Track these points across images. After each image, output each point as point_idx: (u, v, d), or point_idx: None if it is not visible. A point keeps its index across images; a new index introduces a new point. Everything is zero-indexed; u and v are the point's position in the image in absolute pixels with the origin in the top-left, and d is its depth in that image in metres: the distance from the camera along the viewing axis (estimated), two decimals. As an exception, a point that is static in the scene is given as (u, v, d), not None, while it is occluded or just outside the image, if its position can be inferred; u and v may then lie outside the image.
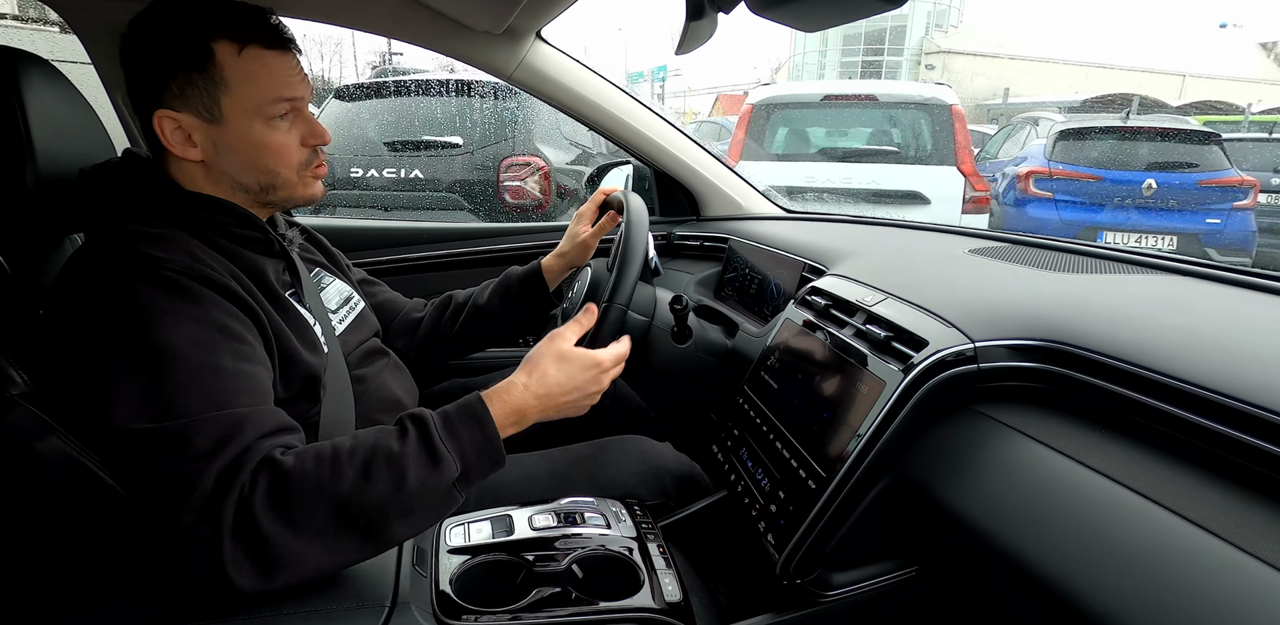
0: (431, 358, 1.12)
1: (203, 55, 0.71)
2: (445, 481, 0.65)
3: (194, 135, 0.73)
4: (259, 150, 0.75)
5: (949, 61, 22.99)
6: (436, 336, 1.11)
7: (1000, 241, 1.10)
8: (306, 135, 0.78)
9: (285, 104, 0.75)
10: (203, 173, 0.76)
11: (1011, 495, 0.59)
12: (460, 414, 0.68)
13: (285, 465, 0.61)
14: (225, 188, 0.77)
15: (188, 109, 0.72)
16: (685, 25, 0.84)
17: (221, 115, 0.73)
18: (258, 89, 0.73)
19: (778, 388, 0.89)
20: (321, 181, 0.83)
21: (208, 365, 0.62)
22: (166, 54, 0.71)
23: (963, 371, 0.67)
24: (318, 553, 0.60)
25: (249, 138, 0.74)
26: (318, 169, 0.81)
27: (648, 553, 0.74)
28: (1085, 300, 0.75)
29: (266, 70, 0.73)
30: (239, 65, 0.72)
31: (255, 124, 0.74)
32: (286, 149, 0.77)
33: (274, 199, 0.79)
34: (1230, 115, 8.45)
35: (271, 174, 0.77)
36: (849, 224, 1.45)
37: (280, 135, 0.76)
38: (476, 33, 1.29)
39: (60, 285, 0.68)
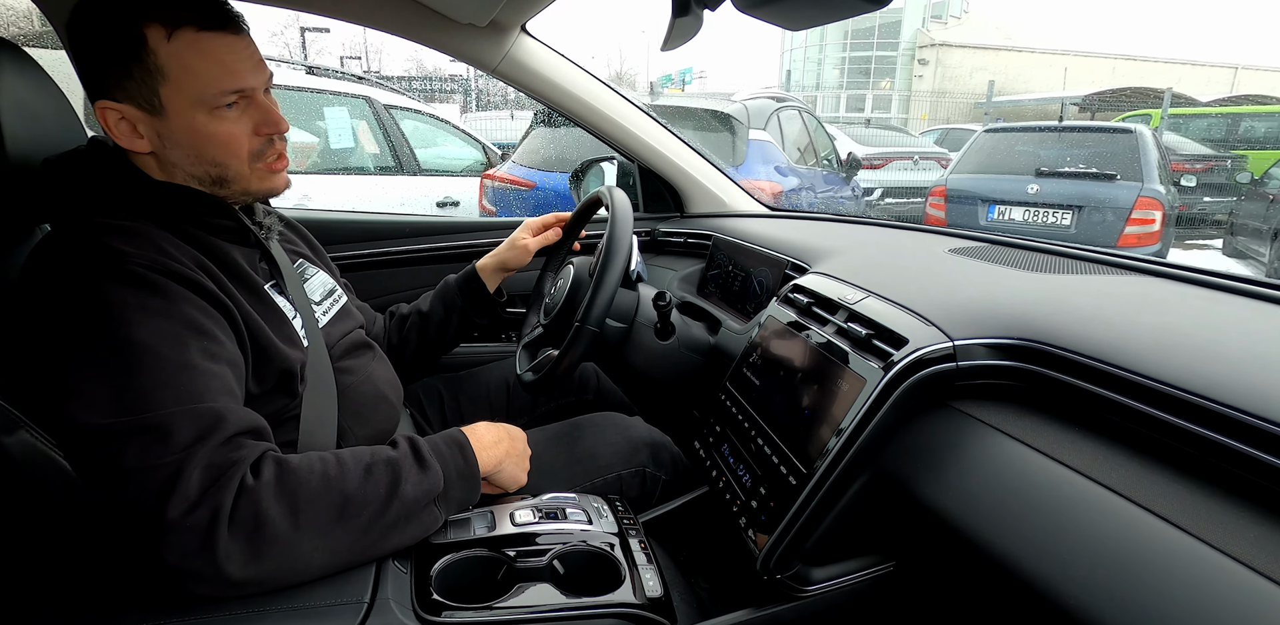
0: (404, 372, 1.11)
1: (135, 42, 0.66)
2: (432, 492, 0.68)
3: (139, 127, 0.70)
4: (205, 142, 0.71)
5: (943, 56, 21.82)
6: (402, 354, 1.13)
7: (980, 241, 1.12)
8: (260, 124, 0.72)
9: (233, 95, 0.70)
10: (156, 164, 0.73)
11: (988, 491, 0.60)
12: (444, 438, 0.74)
13: (292, 461, 0.63)
14: (180, 180, 0.74)
15: (128, 100, 0.68)
16: (671, 22, 0.84)
17: (162, 106, 0.68)
18: (196, 79, 0.68)
19: (760, 384, 0.90)
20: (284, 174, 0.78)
21: (178, 362, 0.61)
22: (101, 42, 0.67)
23: (942, 369, 0.68)
24: (309, 548, 0.60)
25: (193, 129, 0.70)
26: (275, 161, 0.75)
27: (629, 548, 0.74)
28: (1061, 300, 0.76)
29: (204, 57, 0.68)
30: (173, 52, 0.67)
31: (198, 115, 0.69)
32: (235, 139, 0.71)
33: (228, 193, 0.75)
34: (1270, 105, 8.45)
35: (220, 166, 0.72)
36: (831, 222, 1.46)
37: (227, 125, 0.71)
38: (461, 25, 1.28)
39: (25, 278, 0.67)
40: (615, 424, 1.01)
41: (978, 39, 22.15)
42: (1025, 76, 15.05)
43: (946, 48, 21.92)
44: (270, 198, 0.80)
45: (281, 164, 0.77)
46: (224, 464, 0.59)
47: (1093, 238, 4.25)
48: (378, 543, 0.65)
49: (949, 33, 22.51)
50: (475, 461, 0.73)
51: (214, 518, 0.56)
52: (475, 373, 1.24)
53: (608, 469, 0.93)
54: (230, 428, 0.61)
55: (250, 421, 0.64)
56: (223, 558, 0.56)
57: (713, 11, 0.86)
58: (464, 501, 0.73)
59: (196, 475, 0.57)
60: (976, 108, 16.30)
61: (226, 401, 0.63)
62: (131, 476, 0.57)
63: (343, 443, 0.81)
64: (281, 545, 0.59)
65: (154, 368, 0.60)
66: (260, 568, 0.58)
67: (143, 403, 0.59)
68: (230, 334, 0.69)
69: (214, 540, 0.56)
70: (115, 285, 0.62)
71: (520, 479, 0.82)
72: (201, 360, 0.63)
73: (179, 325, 0.63)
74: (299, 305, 0.81)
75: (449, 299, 1.15)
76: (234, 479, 0.58)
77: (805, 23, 0.84)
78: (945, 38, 22.13)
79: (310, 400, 0.78)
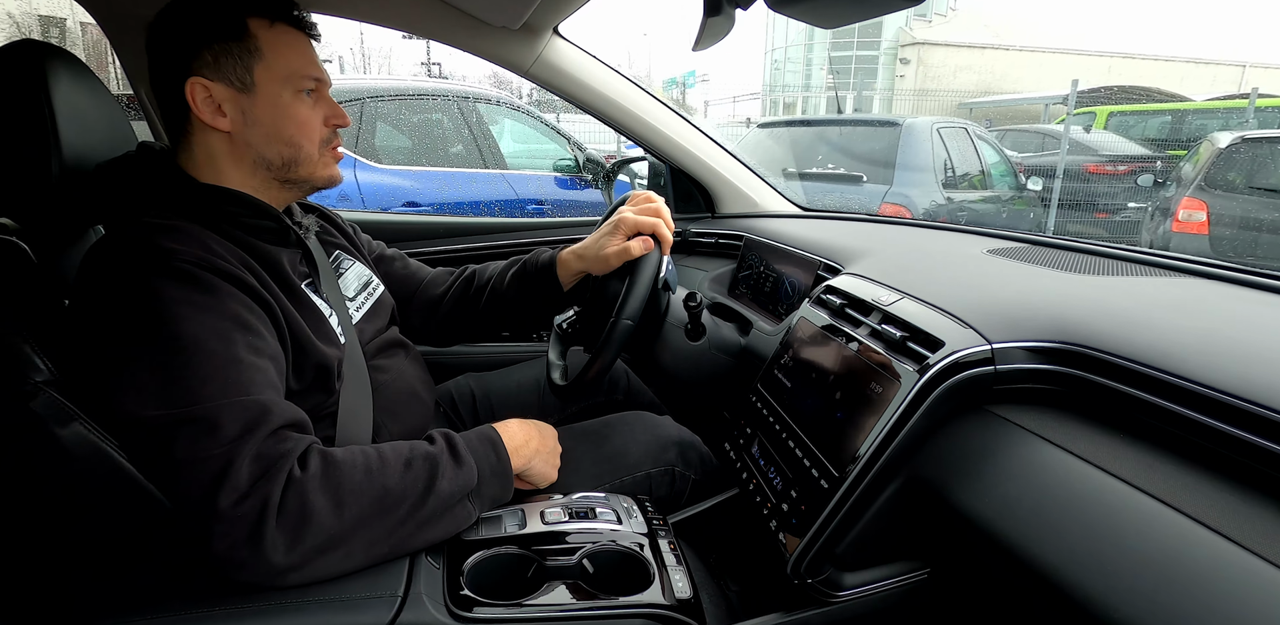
0: (451, 336, 1.10)
1: (239, 27, 0.74)
2: (466, 488, 0.69)
3: (224, 105, 0.75)
4: (286, 121, 0.77)
5: (926, 54, 20.98)
6: (459, 315, 1.07)
7: (1019, 242, 1.09)
8: (329, 115, 0.81)
9: (312, 81, 0.78)
10: (227, 147, 0.77)
11: (1026, 498, 0.58)
12: (477, 435, 0.75)
13: (336, 454, 0.65)
14: (247, 165, 0.78)
15: (220, 78, 0.74)
16: (703, 21, 0.83)
17: (253, 84, 0.75)
18: (288, 61, 0.76)
19: (791, 386, 0.89)
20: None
21: (225, 356, 0.64)
22: (203, 25, 0.74)
23: (979, 373, 0.67)
24: (351, 539, 0.62)
25: (277, 106, 0.77)
26: (335, 150, 0.83)
27: (658, 549, 0.74)
28: (1104, 302, 0.74)
29: (295, 47, 0.78)
30: (272, 37, 0.76)
31: (284, 93, 0.77)
32: (310, 123, 0.79)
33: (295, 176, 0.80)
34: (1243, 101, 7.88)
35: (295, 146, 0.78)
36: (865, 223, 1.44)
37: (306, 109, 0.78)
38: (494, 28, 1.30)
39: (80, 276, 0.70)
40: (645, 423, 1.01)
41: (965, 37, 21.39)
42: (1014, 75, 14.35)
43: (928, 46, 21.22)
44: (329, 186, 0.85)
45: (340, 154, 0.84)
46: (272, 456, 0.61)
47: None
48: (414, 536, 0.66)
49: (935, 31, 21.75)
50: (508, 459, 0.75)
51: (263, 508, 0.58)
52: (507, 372, 1.25)
53: (636, 467, 0.93)
54: (275, 420, 0.63)
55: (293, 415, 0.66)
56: (269, 547, 0.58)
57: (744, 10, 0.85)
58: (496, 498, 0.74)
59: (246, 466, 0.59)
60: (960, 108, 15.74)
61: (271, 395, 0.65)
62: (182, 467, 0.59)
63: (377, 439, 0.83)
64: (325, 536, 0.61)
65: (202, 361, 0.62)
66: (303, 558, 0.60)
67: (191, 395, 0.61)
68: (272, 330, 0.71)
69: (262, 530, 0.58)
70: (164, 281, 0.65)
71: (550, 476, 0.83)
72: (247, 355, 0.65)
73: (226, 320, 0.66)
74: (334, 303, 0.83)
75: (524, 277, 1.05)
76: (282, 471, 0.60)
77: (838, 20, 0.83)
78: (927, 36, 21.42)
79: (347, 397, 0.79)
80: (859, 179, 3.94)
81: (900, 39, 21.74)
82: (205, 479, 0.58)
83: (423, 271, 1.12)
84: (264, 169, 0.78)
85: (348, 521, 0.62)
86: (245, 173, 0.78)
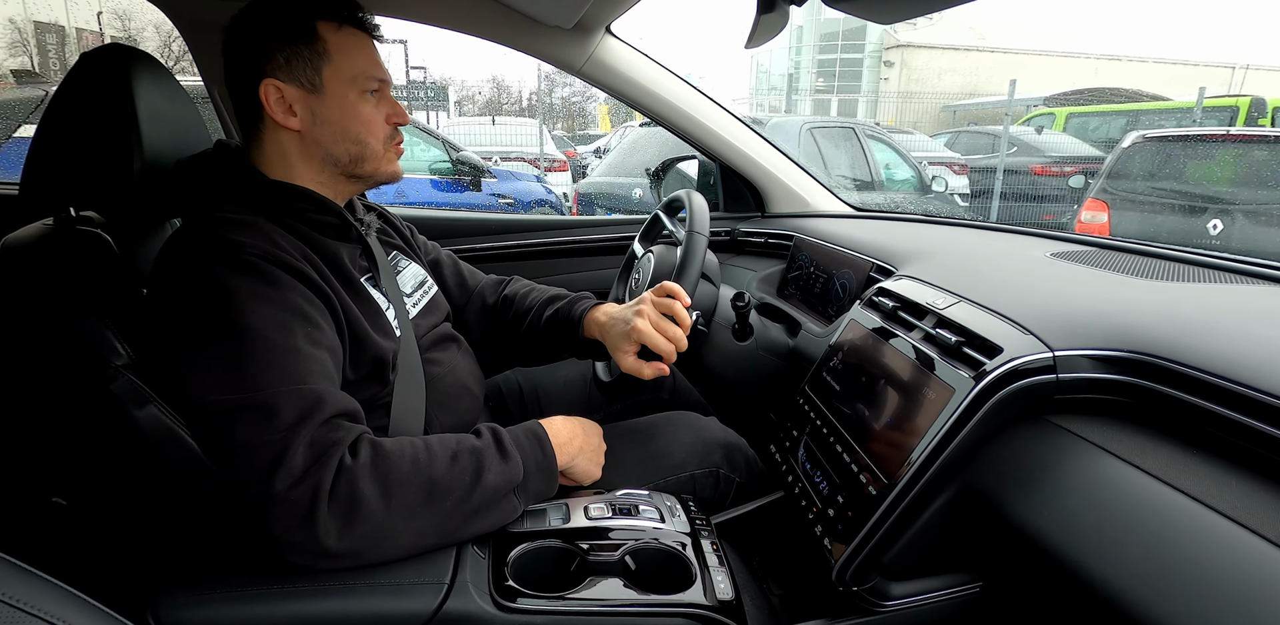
0: (493, 349, 1.10)
1: (308, 30, 0.77)
2: (512, 482, 0.71)
3: (295, 105, 0.78)
4: (352, 119, 0.80)
5: (910, 57, 20.87)
6: (499, 334, 1.08)
7: (1084, 245, 1.05)
8: (391, 114, 0.84)
9: (376, 82, 0.81)
10: (297, 145, 0.80)
11: (1088, 513, 0.56)
12: (524, 430, 0.77)
13: (386, 444, 0.67)
14: (315, 162, 0.81)
15: (291, 80, 0.78)
16: (756, 18, 0.82)
17: (322, 85, 0.78)
18: (354, 63, 0.79)
19: (840, 390, 0.87)
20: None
21: (285, 346, 0.66)
22: (275, 29, 0.77)
23: (1040, 381, 0.64)
24: (398, 528, 0.64)
25: (344, 106, 0.80)
26: (398, 145, 0.86)
27: (701, 549, 0.74)
28: (1176, 310, 0.70)
29: (361, 48, 0.81)
30: (340, 40, 0.79)
31: (350, 93, 0.79)
32: (374, 122, 0.82)
33: (361, 172, 0.83)
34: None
35: (361, 144, 0.81)
36: (920, 223, 1.40)
37: (370, 108, 0.81)
38: (548, 27, 1.31)
39: (156, 267, 0.74)
40: (690, 423, 1.01)
41: (950, 40, 21.03)
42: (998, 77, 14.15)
43: (912, 49, 21.01)
44: (391, 181, 0.87)
45: (400, 150, 0.87)
46: (325, 443, 0.63)
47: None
48: (460, 527, 0.68)
49: (919, 33, 21.37)
50: (553, 455, 0.76)
51: (315, 494, 0.61)
52: (554, 367, 1.27)
53: (681, 468, 0.93)
54: (329, 409, 0.65)
55: (347, 404, 0.68)
56: (321, 532, 0.60)
57: (799, 6, 0.84)
58: (541, 494, 0.75)
59: (301, 453, 0.61)
60: (944, 110, 15.45)
61: (325, 384, 0.67)
62: (241, 451, 0.62)
63: (428, 430, 0.85)
64: (374, 523, 0.63)
65: (263, 350, 0.65)
66: (353, 543, 0.62)
67: (251, 382, 0.64)
68: (330, 322, 0.73)
69: (314, 515, 0.60)
70: (231, 273, 0.68)
71: (594, 473, 0.83)
72: (305, 345, 0.68)
73: (287, 312, 0.68)
74: (392, 298, 0.85)
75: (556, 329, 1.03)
76: (334, 458, 0.62)
77: (897, 15, 0.81)
78: (911, 39, 21.13)
79: (400, 389, 0.82)
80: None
81: (884, 42, 21.63)
82: (262, 463, 0.61)
83: (475, 277, 1.13)
84: (331, 165, 0.82)
85: (395, 511, 0.64)
86: (314, 169, 0.81)
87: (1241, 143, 4.52)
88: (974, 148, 8.07)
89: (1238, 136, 4.62)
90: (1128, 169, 4.57)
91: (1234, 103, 6.72)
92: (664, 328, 0.88)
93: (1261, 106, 6.50)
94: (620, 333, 0.91)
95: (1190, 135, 4.80)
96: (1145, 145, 4.64)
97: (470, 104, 16.29)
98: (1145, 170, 4.54)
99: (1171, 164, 4.51)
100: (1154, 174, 4.50)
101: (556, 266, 1.63)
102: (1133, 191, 4.47)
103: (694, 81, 1.51)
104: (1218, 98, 6.99)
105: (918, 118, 15.38)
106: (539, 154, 7.68)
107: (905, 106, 15.92)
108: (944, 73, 20.23)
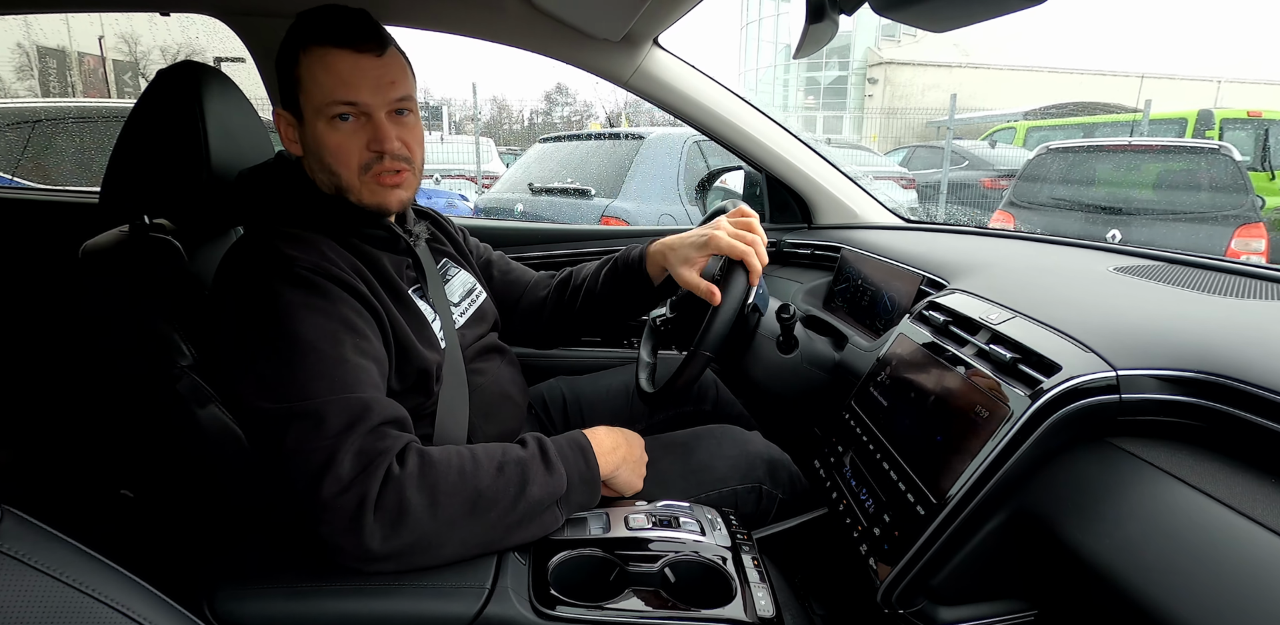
0: (551, 338, 1.13)
1: (292, 59, 0.76)
2: (556, 493, 0.71)
3: (293, 132, 0.80)
4: (321, 148, 0.77)
5: (893, 74, 20.90)
6: (558, 318, 1.09)
7: (1151, 259, 1.00)
8: (370, 140, 0.77)
9: (342, 106, 0.75)
10: (309, 168, 0.82)
11: (1155, 543, 0.53)
12: (568, 441, 0.76)
13: (433, 454, 0.67)
14: (321, 185, 0.81)
15: (289, 108, 0.79)
16: (805, 28, 0.82)
17: (301, 114, 0.78)
18: (318, 88, 0.75)
19: (888, 406, 0.85)
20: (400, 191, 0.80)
21: (334, 356, 0.68)
22: (279, 60, 0.79)
23: (1102, 402, 0.61)
24: (443, 537, 0.65)
25: (315, 136, 0.77)
26: (380, 176, 0.78)
27: (741, 564, 0.73)
28: (1250, 328, 0.66)
29: (327, 70, 0.74)
30: (307, 63, 0.75)
31: (319, 122, 0.76)
32: (343, 149, 0.76)
33: (350, 200, 0.80)
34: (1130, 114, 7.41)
35: (334, 174, 0.78)
36: (974, 235, 1.36)
37: (340, 136, 0.76)
38: (596, 40, 1.33)
39: (217, 275, 0.77)
40: (733, 438, 1.00)
41: (934, 56, 21.03)
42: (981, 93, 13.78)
43: (895, 66, 21.03)
44: (382, 213, 0.82)
45: (391, 180, 0.79)
46: (373, 452, 0.64)
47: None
48: (503, 537, 0.68)
49: (902, 51, 21.38)
50: (596, 466, 0.76)
51: (361, 501, 0.62)
52: (597, 377, 1.28)
53: (723, 482, 0.92)
54: (376, 417, 0.67)
55: (394, 412, 0.70)
56: (367, 538, 0.62)
57: (849, 16, 0.83)
58: (584, 504, 0.76)
59: (349, 460, 0.63)
60: (928, 126, 15.22)
61: (373, 393, 0.69)
62: (291, 457, 0.64)
63: (472, 439, 0.86)
64: (419, 532, 0.64)
65: (313, 360, 0.67)
66: (399, 550, 0.63)
67: (300, 391, 0.66)
68: (377, 333, 0.75)
69: (361, 522, 0.62)
70: (285, 285, 0.70)
71: (635, 485, 0.83)
72: (353, 355, 0.70)
73: (336, 323, 0.70)
74: (439, 308, 0.87)
75: (615, 274, 1.04)
76: (381, 467, 0.64)
77: (949, 23, 0.79)
78: (893, 56, 21.18)
79: (445, 398, 0.83)
80: (588, 193, 3.76)
81: (868, 59, 21.83)
82: (311, 469, 0.63)
83: (526, 275, 1.15)
84: (330, 190, 0.81)
85: (441, 520, 0.64)
86: (329, 190, 0.81)
87: (1143, 153, 4.60)
88: (931, 163, 8.35)
89: (1140, 146, 4.72)
90: (1031, 181, 4.67)
91: (1183, 115, 6.77)
92: (742, 236, 0.87)
93: (1208, 118, 6.47)
94: (693, 244, 0.89)
95: (1092, 146, 4.92)
96: (1049, 156, 4.72)
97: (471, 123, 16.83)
98: (1048, 181, 4.62)
99: (1073, 174, 4.59)
100: (1055, 185, 4.58)
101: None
102: (1036, 202, 4.55)
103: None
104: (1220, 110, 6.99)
105: (901, 134, 15.58)
106: (477, 171, 7.87)
107: (889, 123, 16.20)
108: (928, 89, 20.38)
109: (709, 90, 1.43)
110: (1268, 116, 6.39)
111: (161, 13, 1.31)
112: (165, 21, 1.33)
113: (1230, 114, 6.53)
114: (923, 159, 8.72)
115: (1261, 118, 6.37)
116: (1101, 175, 4.62)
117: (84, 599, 0.39)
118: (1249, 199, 4.09)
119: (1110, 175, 4.62)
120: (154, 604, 0.43)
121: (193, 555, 0.79)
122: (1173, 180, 4.45)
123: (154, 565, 0.69)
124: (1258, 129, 6.32)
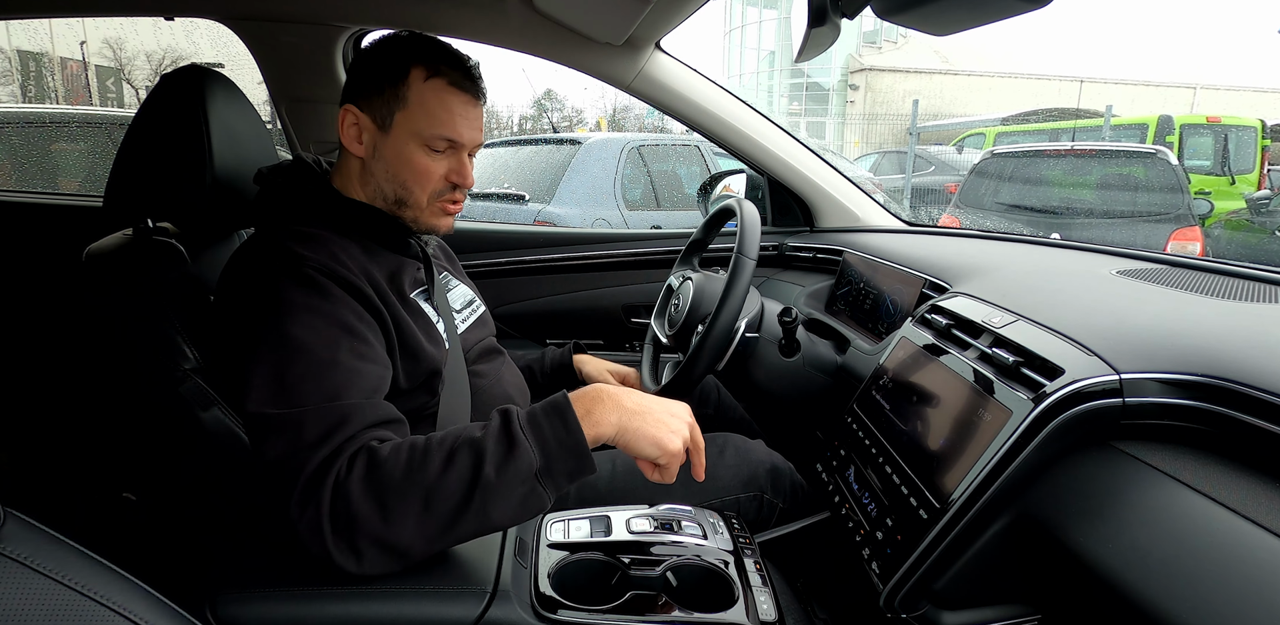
0: None
1: (400, 72, 0.80)
2: (524, 472, 0.63)
3: (363, 134, 0.82)
4: (404, 166, 0.81)
5: (873, 80, 21.05)
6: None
7: (1155, 262, 1.00)
8: (451, 171, 0.83)
9: (444, 142, 0.82)
10: (359, 170, 0.84)
11: (1159, 547, 0.53)
12: (545, 407, 0.67)
13: (380, 454, 0.63)
14: (370, 190, 0.84)
15: (369, 111, 0.81)
16: (807, 32, 0.82)
17: (390, 126, 0.81)
18: (428, 118, 0.80)
19: (890, 409, 0.85)
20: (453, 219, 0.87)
21: (327, 359, 0.67)
22: (378, 62, 0.81)
23: (1105, 405, 0.61)
24: (404, 537, 0.61)
25: (401, 153, 0.81)
26: (449, 204, 0.85)
27: (743, 568, 0.73)
28: (1255, 331, 0.66)
29: (444, 107, 0.81)
30: (423, 90, 0.80)
31: (411, 143, 0.81)
32: (428, 174, 0.82)
33: (403, 215, 0.84)
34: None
35: (406, 190, 0.83)
36: (977, 239, 1.36)
37: (428, 161, 0.82)
38: (598, 44, 1.34)
39: (223, 275, 0.77)
40: (736, 446, 0.99)
41: (914, 63, 21.16)
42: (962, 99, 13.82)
43: (875, 72, 21.22)
44: (433, 233, 0.88)
45: (453, 208, 0.87)
46: (331, 461, 0.62)
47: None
48: (478, 525, 0.63)
49: (883, 57, 21.48)
50: (578, 428, 0.65)
51: (318, 516, 0.60)
52: (598, 380, 1.27)
53: (725, 491, 0.92)
54: (354, 425, 0.65)
55: (379, 415, 0.67)
56: (333, 548, 0.61)
57: (851, 20, 0.84)
58: (573, 473, 0.65)
59: (310, 474, 0.61)
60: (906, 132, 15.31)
61: (359, 399, 0.67)
62: (271, 468, 0.63)
63: None
64: (374, 537, 0.61)
65: (304, 362, 0.66)
66: (367, 556, 0.61)
67: (286, 396, 0.65)
68: (380, 338, 0.75)
69: (322, 535, 0.60)
70: (290, 284, 0.70)
71: (665, 440, 0.68)
72: (348, 359, 0.69)
73: (334, 325, 0.70)
74: (442, 312, 0.88)
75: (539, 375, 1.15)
76: (330, 476, 0.61)
77: (952, 27, 0.79)
78: (874, 62, 21.31)
79: (447, 399, 0.83)
80: (522, 198, 3.73)
81: (849, 65, 22.01)
82: (282, 481, 0.62)
83: None
84: (380, 198, 0.84)
85: (395, 523, 0.61)
86: (368, 196, 0.84)
87: (1084, 157, 4.67)
88: (899, 168, 8.46)
89: (1081, 151, 4.77)
90: (977, 185, 4.73)
91: (1144, 120, 6.85)
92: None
93: (1169, 124, 6.56)
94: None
95: (1033, 151, 4.98)
96: (993, 162, 4.79)
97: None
98: (992, 186, 4.69)
99: (1016, 179, 4.68)
100: (997, 190, 4.65)
101: (602, 280, 1.64)
102: (979, 207, 4.61)
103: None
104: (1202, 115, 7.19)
105: (883, 139, 15.76)
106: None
107: (871, 128, 16.45)
108: (908, 95, 20.82)
109: (711, 94, 1.44)
110: (1227, 122, 6.52)
111: (166, 18, 1.31)
112: (150, 28, 1.34)
113: (1190, 120, 6.66)
114: (892, 164, 8.80)
115: (1220, 123, 6.51)
116: (1043, 178, 4.72)
117: (86, 602, 0.39)
118: (1184, 200, 4.17)
119: (1052, 178, 4.72)
120: (156, 607, 0.43)
121: (195, 558, 0.79)
122: (1111, 183, 4.54)
123: (156, 568, 0.69)
124: (1217, 134, 6.45)
